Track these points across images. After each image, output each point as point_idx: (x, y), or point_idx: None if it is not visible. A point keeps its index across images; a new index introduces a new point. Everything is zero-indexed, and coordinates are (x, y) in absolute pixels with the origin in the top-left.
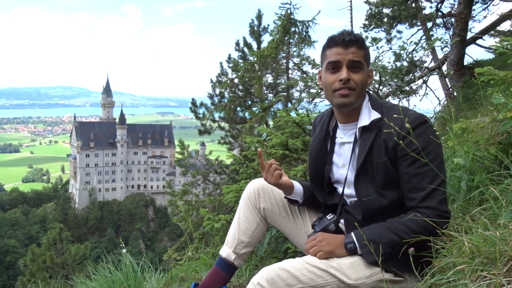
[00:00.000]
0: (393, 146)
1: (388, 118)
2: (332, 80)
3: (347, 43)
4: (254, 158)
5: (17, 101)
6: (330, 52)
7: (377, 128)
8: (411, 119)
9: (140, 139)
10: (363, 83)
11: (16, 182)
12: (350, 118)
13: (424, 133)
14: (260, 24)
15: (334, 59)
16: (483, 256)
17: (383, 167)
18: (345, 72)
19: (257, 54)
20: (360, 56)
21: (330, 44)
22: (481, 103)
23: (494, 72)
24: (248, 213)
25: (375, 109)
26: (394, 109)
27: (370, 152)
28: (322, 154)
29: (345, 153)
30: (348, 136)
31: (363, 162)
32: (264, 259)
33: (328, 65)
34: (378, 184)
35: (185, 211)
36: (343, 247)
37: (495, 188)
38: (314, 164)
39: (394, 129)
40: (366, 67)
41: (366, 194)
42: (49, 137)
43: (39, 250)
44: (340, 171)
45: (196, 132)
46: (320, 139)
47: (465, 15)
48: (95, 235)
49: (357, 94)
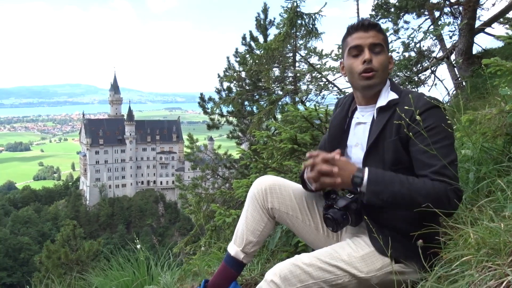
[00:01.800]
0: (405, 125)
1: (405, 100)
2: (356, 64)
3: (366, 27)
4: (264, 153)
5: (26, 99)
6: (351, 38)
7: (393, 109)
8: (425, 101)
9: (148, 135)
10: (384, 65)
11: (27, 180)
12: (370, 100)
13: (436, 115)
14: (266, 18)
15: (355, 43)
16: (488, 247)
17: (393, 146)
18: (368, 53)
19: (264, 46)
20: (380, 39)
21: (350, 31)
22: (490, 93)
23: (501, 63)
24: (256, 213)
25: (394, 91)
26: (412, 92)
27: (383, 131)
28: (340, 132)
29: (359, 133)
30: (365, 117)
31: (374, 141)
32: (275, 252)
33: (350, 51)
34: (387, 163)
35: (196, 203)
36: (350, 180)
37: (501, 180)
38: (332, 141)
39: (408, 109)
40: (386, 51)
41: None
42: (58, 135)
43: (54, 247)
44: (353, 150)
45: (204, 127)
46: (341, 118)
47: (473, 3)
48: (107, 231)
49: (379, 75)
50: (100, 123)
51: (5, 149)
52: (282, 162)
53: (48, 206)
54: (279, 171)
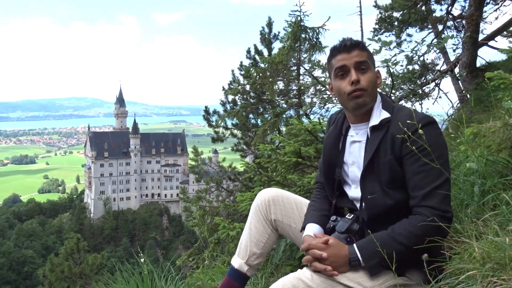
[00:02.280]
0: (398, 144)
1: (397, 118)
2: (343, 85)
3: (349, 48)
4: (268, 166)
5: (32, 113)
6: (335, 60)
7: (386, 127)
8: (418, 118)
9: (153, 147)
10: (373, 82)
11: (32, 193)
12: (361, 118)
13: (430, 133)
14: (270, 32)
15: (340, 64)
16: (493, 261)
17: (389, 165)
18: (354, 73)
19: (268, 60)
20: (365, 56)
21: (334, 53)
22: (494, 106)
23: (504, 76)
24: (259, 224)
25: (386, 109)
26: (404, 109)
27: (377, 150)
28: (335, 151)
29: (355, 151)
30: (359, 135)
31: (370, 160)
32: (279, 266)
33: (336, 72)
34: (383, 182)
35: (200, 216)
36: (347, 264)
37: (506, 193)
38: (328, 161)
39: (401, 127)
40: (372, 67)
41: (372, 192)
42: (64, 147)
43: (58, 260)
44: (351, 168)
45: (209, 140)
46: (335, 136)
47: (476, 16)
48: (111, 244)
49: (369, 94)
50: (105, 136)
51: (10, 162)
52: (286, 175)
53: (53, 219)
54: (283, 184)
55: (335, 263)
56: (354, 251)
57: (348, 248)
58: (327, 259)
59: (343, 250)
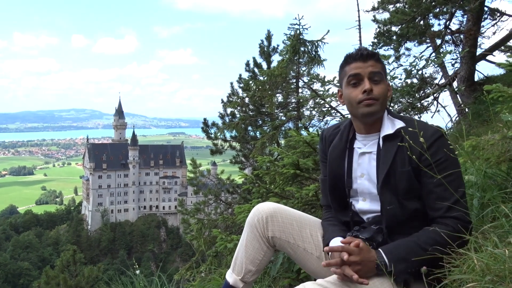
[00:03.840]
0: (417, 156)
1: (412, 128)
2: (355, 93)
3: (365, 57)
4: (266, 178)
5: (31, 124)
6: (349, 67)
7: (400, 137)
8: (431, 131)
9: (151, 159)
10: (385, 94)
11: (30, 205)
12: (372, 128)
13: (445, 146)
14: (269, 45)
15: (354, 72)
16: (493, 274)
17: (407, 176)
18: (368, 83)
19: (267, 73)
20: (379, 68)
21: (349, 60)
22: (493, 119)
23: (503, 89)
24: (255, 242)
25: (398, 118)
26: (413, 120)
27: (394, 161)
28: (342, 165)
29: (364, 163)
30: (368, 146)
31: (387, 172)
32: (277, 279)
33: (349, 79)
34: (400, 193)
35: (198, 229)
36: (375, 268)
37: (505, 206)
38: (335, 175)
39: (419, 139)
40: (385, 80)
41: (390, 203)
42: (62, 159)
43: (53, 273)
44: (359, 181)
45: (208, 152)
46: (340, 150)
47: (474, 31)
48: (108, 256)
49: (380, 103)
50: (104, 147)
51: (8, 173)
52: (284, 187)
53: (50, 231)
54: (281, 196)
55: (366, 267)
56: (381, 255)
57: (375, 252)
58: (360, 263)
59: (372, 254)
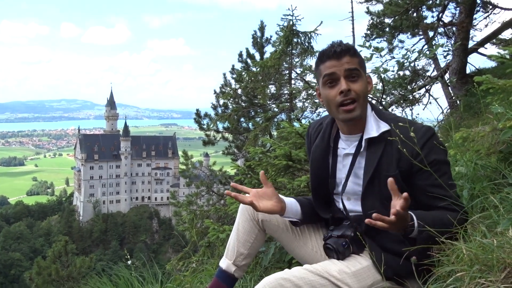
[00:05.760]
0: (406, 159)
1: (397, 130)
2: (332, 94)
3: (339, 54)
4: (258, 169)
5: (22, 114)
6: (324, 66)
7: (385, 140)
8: (422, 131)
9: (144, 150)
10: (364, 91)
11: (20, 195)
12: (355, 129)
13: (437, 145)
14: (263, 36)
15: (329, 71)
16: (481, 263)
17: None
18: (344, 83)
19: (260, 64)
20: (356, 63)
21: (323, 59)
22: (484, 111)
23: (493, 81)
24: (247, 224)
25: (383, 120)
26: (400, 120)
27: (379, 164)
28: (325, 165)
29: (348, 165)
30: (352, 147)
31: (372, 175)
32: (269, 269)
33: (324, 79)
34: (384, 197)
35: (190, 220)
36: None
37: (494, 197)
38: (317, 176)
39: (407, 142)
40: (363, 74)
41: (372, 207)
42: (53, 150)
43: (45, 263)
44: (344, 182)
45: (200, 143)
46: (322, 150)
47: (466, 24)
48: (100, 247)
49: (360, 104)
50: (95, 138)
51: None
52: (277, 178)
53: (41, 222)
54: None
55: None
56: (413, 218)
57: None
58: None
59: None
